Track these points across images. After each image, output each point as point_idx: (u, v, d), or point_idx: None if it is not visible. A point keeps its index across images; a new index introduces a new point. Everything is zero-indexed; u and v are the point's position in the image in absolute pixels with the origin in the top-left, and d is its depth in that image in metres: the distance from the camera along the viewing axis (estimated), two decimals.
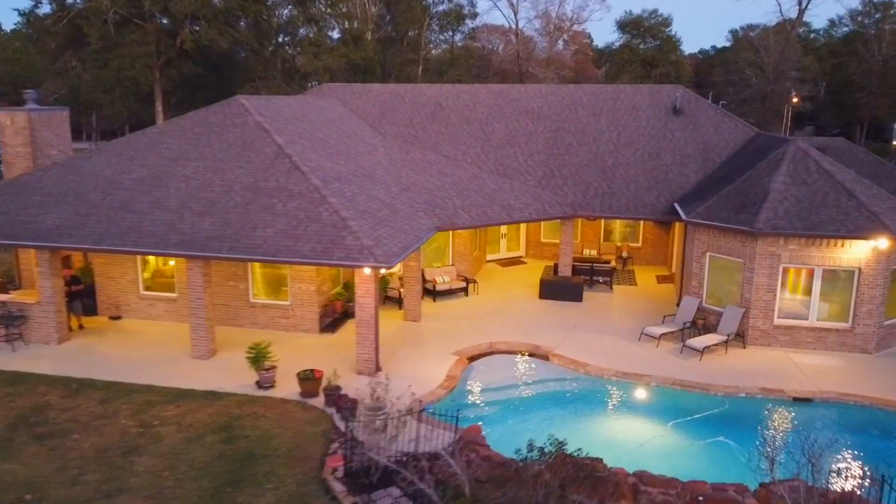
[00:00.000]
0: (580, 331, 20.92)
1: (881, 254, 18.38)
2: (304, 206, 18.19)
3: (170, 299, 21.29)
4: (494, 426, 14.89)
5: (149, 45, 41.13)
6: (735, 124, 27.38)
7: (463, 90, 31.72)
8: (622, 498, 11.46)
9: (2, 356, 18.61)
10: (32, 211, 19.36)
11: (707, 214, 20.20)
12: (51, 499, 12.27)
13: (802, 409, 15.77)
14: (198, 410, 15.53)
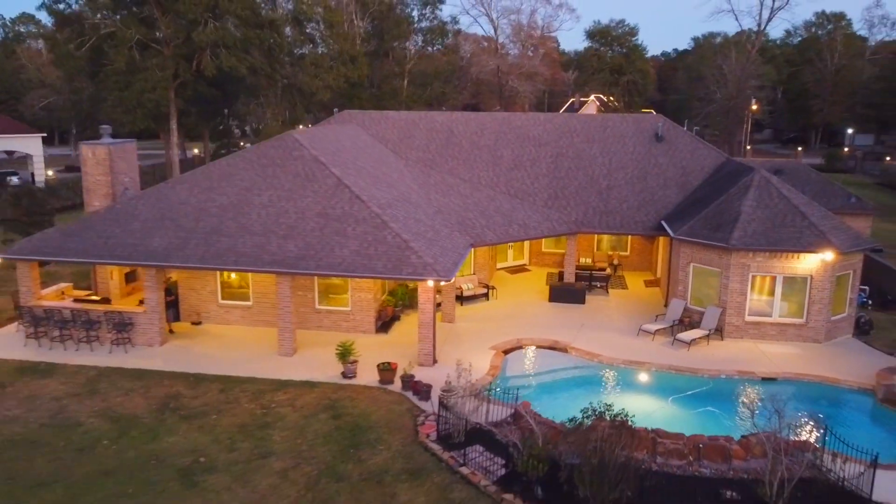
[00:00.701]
0: (587, 328, 25.42)
1: (828, 264, 23.25)
2: (369, 230, 22.35)
3: (245, 307, 25.23)
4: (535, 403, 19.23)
5: (168, 69, 44.56)
6: (708, 151, 32.25)
7: (471, 118, 36.08)
8: (644, 447, 15.94)
9: (118, 356, 22.41)
10: (137, 235, 23.17)
11: (690, 232, 24.90)
12: (218, 460, 16.32)
13: (769, 386, 20.44)
14: (303, 396, 19.65)
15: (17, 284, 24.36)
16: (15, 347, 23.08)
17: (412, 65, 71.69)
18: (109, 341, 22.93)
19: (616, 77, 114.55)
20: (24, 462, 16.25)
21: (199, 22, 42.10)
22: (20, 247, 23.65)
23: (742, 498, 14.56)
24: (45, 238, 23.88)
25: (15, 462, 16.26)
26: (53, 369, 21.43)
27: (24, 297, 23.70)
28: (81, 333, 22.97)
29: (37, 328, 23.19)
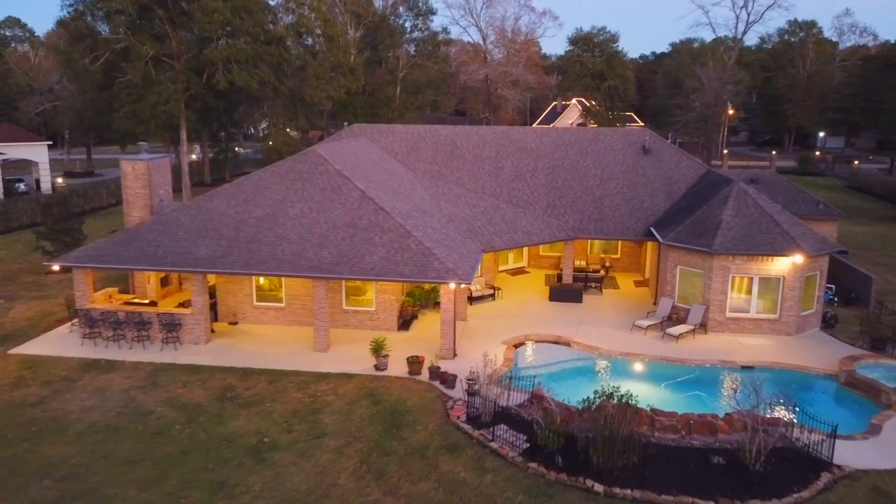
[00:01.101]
0: (586, 324, 28.34)
1: (798, 266, 26.37)
2: (395, 238, 25.07)
3: (278, 308, 27.83)
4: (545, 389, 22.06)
5: (181, 82, 46.85)
6: (690, 162, 35.37)
7: (472, 131, 38.89)
8: (644, 423, 18.84)
9: (169, 353, 24.93)
10: (183, 244, 25.70)
11: (677, 238, 27.93)
12: (280, 440, 18.98)
13: (748, 373, 23.44)
14: (343, 385, 22.34)
15: (73, 288, 26.73)
16: (73, 346, 25.50)
17: (404, 73, 74.32)
18: (160, 340, 25.42)
19: (598, 82, 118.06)
20: (112, 444, 18.81)
21: (213, 39, 44.48)
22: (77, 255, 26.06)
23: (726, 463, 17.52)
24: (98, 247, 26.28)
25: (103, 444, 18.81)
26: (114, 365, 23.90)
27: (79, 300, 26.08)
28: (133, 333, 25.43)
29: (91, 329, 25.62)
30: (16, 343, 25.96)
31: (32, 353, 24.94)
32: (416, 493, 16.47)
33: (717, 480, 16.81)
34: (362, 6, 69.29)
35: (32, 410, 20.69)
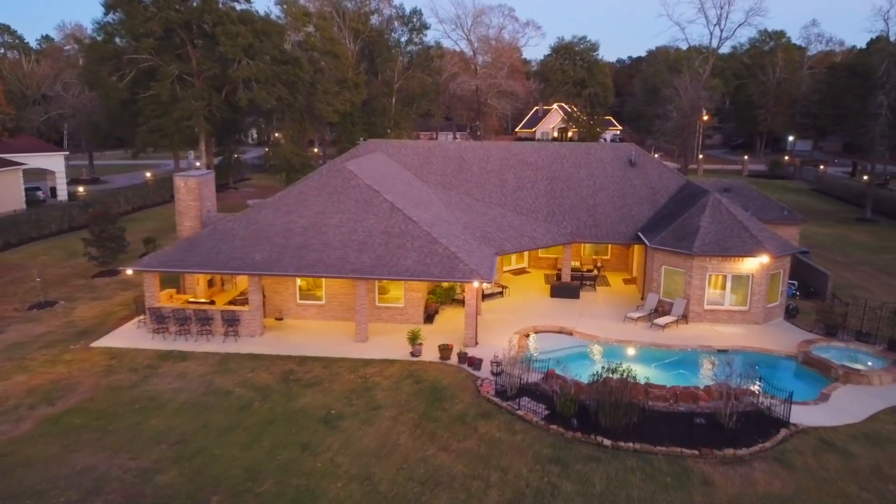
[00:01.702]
0: (585, 317, 32.82)
1: (764, 266, 31.07)
2: (424, 244, 29.35)
3: (318, 305, 31.98)
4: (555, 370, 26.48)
5: (203, 99, 50.65)
6: (671, 174, 40.04)
7: (477, 146, 43.28)
8: (640, 394, 23.29)
9: (231, 344, 28.97)
10: (240, 250, 29.77)
11: (662, 242, 32.52)
12: (344, 412, 23.18)
13: (722, 355, 27.99)
14: (387, 369, 26.59)
15: (131, 289, 30.65)
16: (145, 340, 29.47)
17: (399, 84, 78.49)
18: (221, 333, 29.48)
19: (579, 89, 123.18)
20: (206, 416, 22.90)
21: (235, 60, 48.35)
22: (148, 261, 30.02)
23: (706, 423, 22.05)
24: (166, 254, 30.24)
25: (199, 416, 22.90)
26: (186, 355, 27.93)
27: (148, 300, 30.04)
28: (198, 328, 29.46)
29: (160, 324, 29.60)
30: (94, 338, 29.86)
31: (112, 346, 28.89)
32: (463, 449, 20.81)
33: (699, 436, 21.32)
34: (361, 22, 73.40)
35: (130, 392, 24.70)
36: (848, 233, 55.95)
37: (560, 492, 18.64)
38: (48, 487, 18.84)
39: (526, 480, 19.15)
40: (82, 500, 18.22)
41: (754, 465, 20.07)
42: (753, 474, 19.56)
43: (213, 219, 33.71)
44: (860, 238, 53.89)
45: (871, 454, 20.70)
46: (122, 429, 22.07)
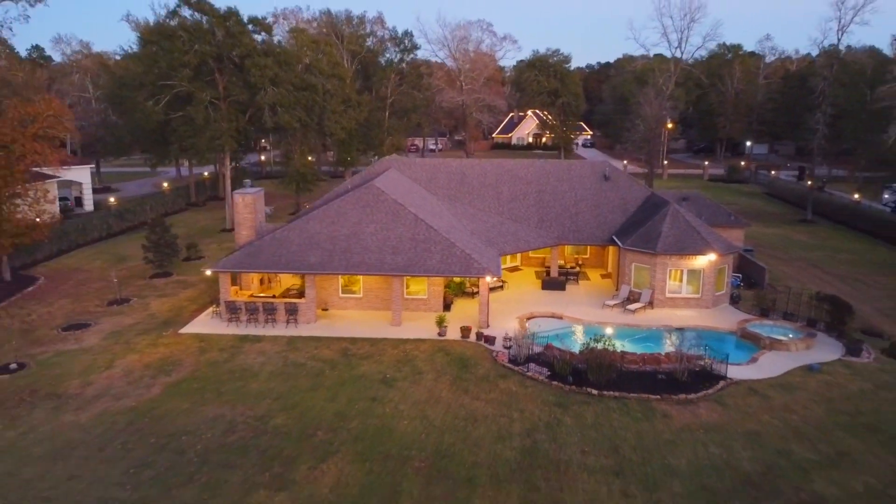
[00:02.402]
0: (571, 304, 40.66)
1: (713, 262, 39.21)
2: (444, 248, 36.92)
3: (357, 298, 39.37)
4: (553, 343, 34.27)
5: (230, 121, 57.61)
6: (640, 188, 48.10)
7: (476, 164, 50.91)
8: (617, 359, 31.14)
9: (292, 329, 36.23)
10: (296, 254, 37.06)
11: (632, 244, 40.51)
12: (396, 376, 30.67)
13: (679, 332, 36.00)
14: (420, 345, 34.12)
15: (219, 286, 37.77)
16: (221, 327, 36.62)
17: (392, 100, 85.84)
18: (284, 321, 36.76)
19: (553, 98, 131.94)
20: (292, 381, 30.22)
21: (262, 87, 55.42)
22: (223, 263, 37.17)
23: (666, 378, 29.98)
24: (236, 258, 37.36)
25: (286, 381, 30.19)
26: (259, 338, 35.18)
27: (223, 295, 37.18)
28: (264, 317, 36.70)
29: (233, 314, 36.77)
30: (178, 326, 36.95)
31: (197, 332, 36.02)
32: (490, 398, 28.47)
33: (661, 387, 29.24)
34: (358, 44, 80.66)
35: (225, 365, 31.94)
36: (790, 233, 64.75)
37: (562, 423, 26.40)
38: (194, 429, 26.08)
39: (538, 417, 26.88)
40: (223, 436, 25.52)
41: (700, 405, 28.05)
42: (699, 410, 27.54)
43: (264, 228, 40.96)
44: (800, 237, 62.69)
45: (783, 397, 28.82)
46: (231, 390, 29.33)
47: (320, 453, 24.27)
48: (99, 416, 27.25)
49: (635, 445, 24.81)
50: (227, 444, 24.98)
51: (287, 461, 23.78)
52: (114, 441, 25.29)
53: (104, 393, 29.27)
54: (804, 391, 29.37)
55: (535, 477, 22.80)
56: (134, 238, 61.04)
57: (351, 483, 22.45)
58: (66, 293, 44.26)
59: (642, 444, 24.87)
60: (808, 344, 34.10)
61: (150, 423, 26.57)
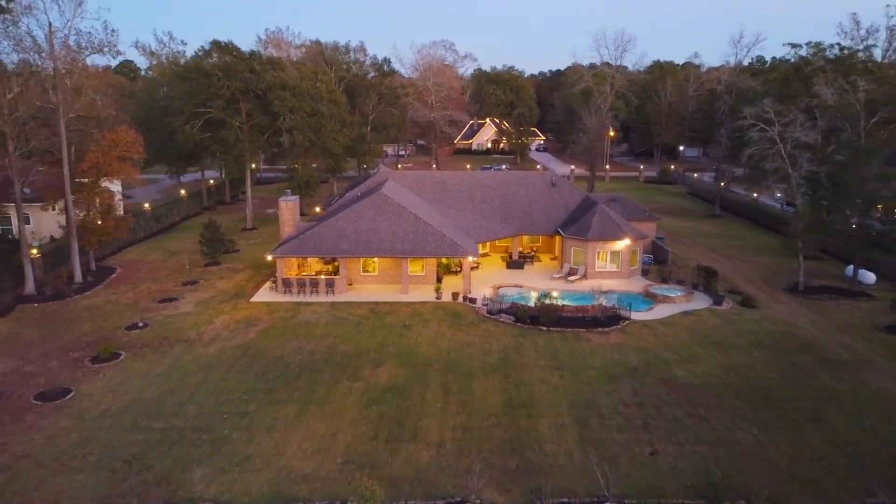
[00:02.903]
0: (528, 278, 56.00)
1: (627, 246, 54.99)
2: (437, 238, 51.89)
3: (374, 276, 54.09)
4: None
5: (254, 141, 71.58)
6: (578, 192, 63.75)
7: (454, 175, 65.95)
8: (559, 309, 46.51)
9: (330, 297, 50.73)
10: (331, 244, 51.65)
11: (571, 233, 56.12)
12: (411, 324, 45.56)
13: (604, 294, 51.51)
14: (424, 306, 49.07)
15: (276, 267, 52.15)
16: (278, 297, 50.91)
17: (373, 116, 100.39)
18: (324, 292, 51.29)
19: (509, 110, 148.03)
20: (341, 328, 44.87)
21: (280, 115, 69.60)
22: (280, 250, 51.44)
23: (590, 320, 45.51)
24: (289, 247, 51.66)
25: (337, 328, 44.80)
26: (309, 304, 49.63)
27: (280, 273, 51.49)
28: (309, 289, 51.16)
29: (287, 288, 51.12)
30: (247, 298, 51.13)
31: (262, 300, 50.31)
32: (476, 333, 43.60)
33: (587, 325, 44.74)
34: (344, 70, 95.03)
35: (292, 321, 46.31)
36: (700, 225, 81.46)
37: (523, 345, 41.66)
38: (287, 355, 40.57)
39: (507, 342, 42.11)
40: (309, 357, 40.08)
41: (611, 334, 43.63)
42: (609, 337, 43.11)
43: (301, 226, 55.40)
44: (707, 229, 79.36)
45: (664, 329, 44.61)
46: (302, 334, 43.87)
47: (374, 363, 39.09)
48: (220, 350, 41.55)
49: (568, 355, 40.24)
50: (313, 361, 39.59)
51: (354, 368, 38.53)
52: (238, 362, 39.66)
53: (216, 337, 43.53)
54: (679, 325, 45.28)
55: (507, 371, 38.01)
56: (173, 235, 74.77)
57: (398, 376, 37.34)
58: (144, 278, 57.88)
59: (573, 355, 40.32)
60: (688, 298, 50.12)
61: (257, 353, 40.98)
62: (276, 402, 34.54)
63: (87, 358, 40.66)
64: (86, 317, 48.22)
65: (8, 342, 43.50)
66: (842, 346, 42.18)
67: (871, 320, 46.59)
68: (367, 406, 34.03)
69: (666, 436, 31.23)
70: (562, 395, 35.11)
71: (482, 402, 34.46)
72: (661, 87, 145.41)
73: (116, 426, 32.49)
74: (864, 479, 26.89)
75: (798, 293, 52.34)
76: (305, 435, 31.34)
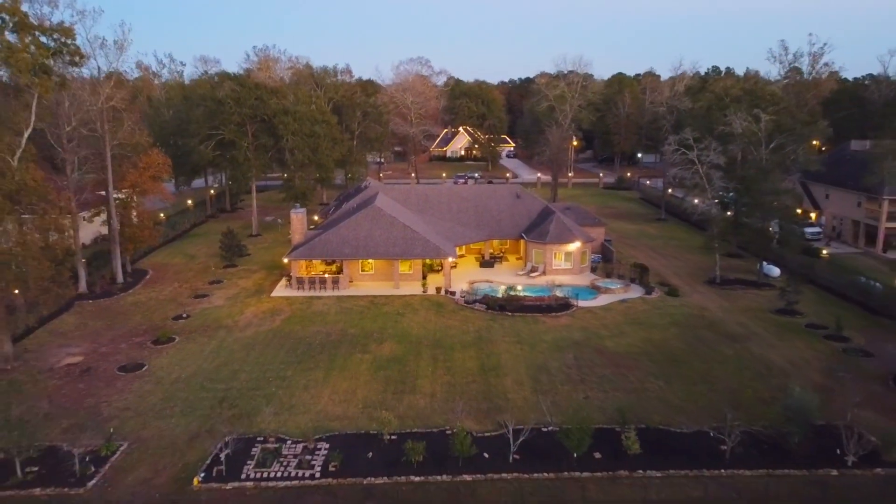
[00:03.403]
0: (497, 275, 67.83)
1: (578, 247, 67.09)
2: (423, 243, 63.50)
3: (371, 274, 65.53)
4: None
5: (259, 159, 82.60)
6: (539, 202, 75.77)
7: (435, 188, 77.63)
8: (521, 299, 58.40)
9: (337, 292, 62.14)
10: (336, 248, 63.05)
11: (533, 237, 68.10)
12: (404, 312, 57.19)
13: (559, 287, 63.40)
14: (413, 298, 60.68)
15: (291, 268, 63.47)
16: (294, 292, 62.14)
17: (359, 132, 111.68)
18: (330, 287, 62.66)
19: (481, 121, 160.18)
20: (348, 316, 56.31)
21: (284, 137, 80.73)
22: (295, 254, 62.68)
23: (545, 307, 57.49)
24: (302, 251, 62.90)
25: (346, 316, 56.26)
26: (320, 297, 60.93)
27: (293, 272, 62.73)
28: (318, 285, 62.46)
29: (300, 285, 62.39)
30: (267, 293, 62.29)
31: (280, 295, 61.54)
32: (456, 319, 55.33)
33: (543, 311, 56.67)
34: (334, 91, 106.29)
35: (308, 311, 57.64)
36: (646, 228, 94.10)
37: (493, 327, 53.47)
38: (309, 337, 51.93)
39: (480, 325, 53.89)
40: (326, 338, 51.48)
41: (561, 317, 55.63)
42: (560, 320, 55.12)
43: (309, 234, 66.73)
44: (651, 231, 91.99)
45: (604, 313, 56.72)
46: (318, 320, 55.25)
47: (378, 341, 50.60)
48: (255, 333, 52.74)
49: (527, 333, 52.13)
50: (329, 341, 50.98)
51: (363, 345, 50.01)
52: (271, 342, 50.91)
53: (249, 324, 54.73)
54: (615, 311, 57.46)
55: (481, 345, 49.75)
56: (187, 241, 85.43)
57: (397, 350, 48.89)
58: (174, 278, 68.69)
59: (530, 333, 52.21)
60: (625, 290, 62.36)
61: (284, 335, 52.24)
62: (307, 370, 45.89)
63: (148, 341, 51.55)
64: (135, 310, 58.99)
65: (79, 331, 54.23)
66: (739, 324, 54.65)
67: (767, 305, 59.18)
68: (376, 371, 45.55)
69: (596, 387, 43.20)
70: (521, 361, 46.94)
71: (462, 367, 46.16)
72: (619, 99, 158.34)
73: (188, 388, 43.60)
74: (724, 408, 38.94)
75: (715, 285, 64.88)
76: (333, 391, 42.77)
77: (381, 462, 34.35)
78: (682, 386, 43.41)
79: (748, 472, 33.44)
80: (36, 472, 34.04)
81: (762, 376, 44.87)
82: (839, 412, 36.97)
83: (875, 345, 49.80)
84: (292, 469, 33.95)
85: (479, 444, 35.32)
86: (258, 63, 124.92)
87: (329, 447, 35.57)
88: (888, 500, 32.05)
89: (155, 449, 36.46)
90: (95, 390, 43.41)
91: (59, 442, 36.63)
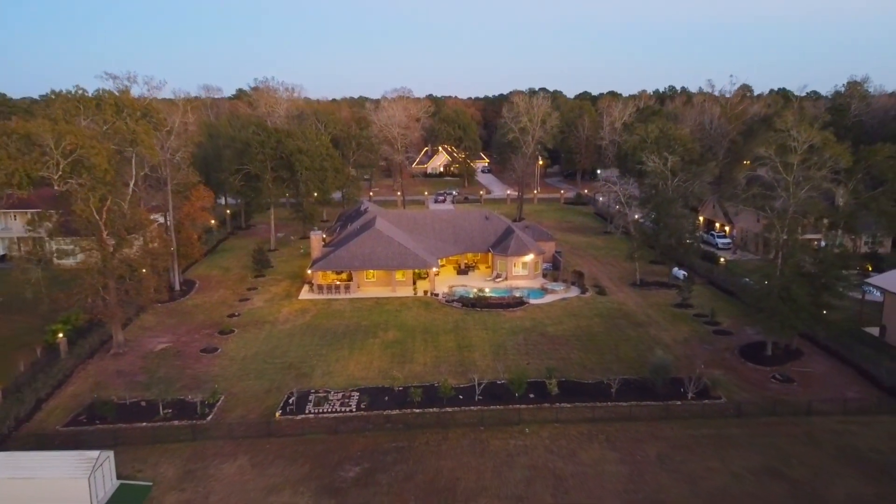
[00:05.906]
0: (471, 281, 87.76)
1: (533, 258, 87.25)
2: (414, 257, 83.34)
3: (372, 281, 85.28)
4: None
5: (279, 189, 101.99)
6: (504, 223, 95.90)
7: (421, 213, 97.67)
8: (487, 300, 78.36)
9: (348, 295, 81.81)
10: (347, 262, 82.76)
11: (498, 251, 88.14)
12: (401, 309, 77.09)
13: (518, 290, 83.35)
14: (408, 299, 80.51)
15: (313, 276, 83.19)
16: (315, 296, 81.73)
17: (354, 159, 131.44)
18: (343, 292, 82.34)
19: (458, 142, 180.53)
20: (360, 313, 76.04)
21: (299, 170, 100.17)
22: (316, 266, 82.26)
23: (504, 304, 77.59)
24: (320, 265, 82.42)
25: (359, 312, 75.95)
26: (336, 300, 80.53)
27: (315, 280, 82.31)
28: (334, 290, 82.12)
29: (320, 290, 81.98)
30: (295, 297, 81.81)
31: (305, 298, 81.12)
32: (439, 313, 75.23)
33: (504, 307, 76.79)
34: (332, 127, 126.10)
35: (329, 309, 77.20)
36: (594, 240, 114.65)
37: (467, 319, 73.40)
38: (333, 328, 71.60)
39: (458, 318, 73.80)
40: (346, 328, 71.14)
41: (517, 311, 75.69)
42: (516, 313, 75.19)
43: (325, 249, 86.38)
44: (598, 243, 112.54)
45: (549, 308, 76.89)
46: (338, 316, 74.88)
47: (384, 330, 70.41)
48: (293, 326, 72.30)
49: (492, 322, 72.16)
50: (349, 331, 70.70)
51: (373, 333, 69.76)
52: (307, 332, 70.53)
53: (287, 320, 74.28)
54: (557, 307, 77.71)
55: (458, 332, 69.68)
56: (218, 256, 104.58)
57: (398, 336, 68.72)
58: (218, 287, 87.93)
59: (494, 322, 72.23)
60: (566, 291, 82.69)
61: (315, 327, 71.85)
62: (336, 349, 65.52)
63: (215, 332, 70.83)
64: (197, 311, 78.23)
65: (160, 326, 73.40)
66: (645, 314, 75.12)
67: (669, 301, 79.71)
68: (385, 349, 65.29)
69: (536, 357, 63.23)
70: (486, 342, 66.94)
71: (444, 346, 66.06)
72: (579, 122, 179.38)
73: (255, 363, 63.03)
74: (615, 367, 58.94)
75: (636, 286, 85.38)
76: (356, 362, 62.45)
77: (394, 402, 54.07)
78: (595, 356, 63.63)
79: (624, 404, 53.55)
80: (171, 412, 53.28)
81: (650, 349, 65.27)
82: (694, 369, 57.46)
83: (736, 327, 70.54)
84: (337, 407, 53.61)
85: (457, 391, 55.25)
86: (256, 94, 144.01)
87: (359, 394, 55.31)
88: (708, 415, 52.35)
89: (244, 398, 55.87)
90: (189, 364, 62.71)
91: (180, 395, 55.96)
